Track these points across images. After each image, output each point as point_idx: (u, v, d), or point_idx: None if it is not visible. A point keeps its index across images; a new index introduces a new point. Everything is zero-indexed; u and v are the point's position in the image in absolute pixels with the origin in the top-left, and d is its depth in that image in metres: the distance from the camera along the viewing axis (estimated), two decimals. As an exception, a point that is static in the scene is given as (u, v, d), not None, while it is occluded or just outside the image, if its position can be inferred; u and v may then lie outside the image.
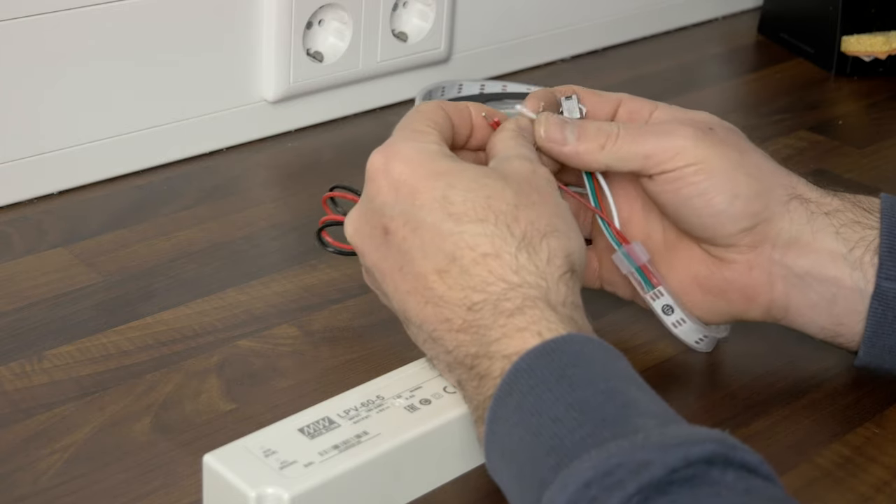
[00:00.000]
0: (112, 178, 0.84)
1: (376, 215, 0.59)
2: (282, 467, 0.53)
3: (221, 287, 0.73)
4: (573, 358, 0.52)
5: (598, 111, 0.67)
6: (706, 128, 0.64)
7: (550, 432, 0.50)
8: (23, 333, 0.68)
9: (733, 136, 0.65)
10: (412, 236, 0.57)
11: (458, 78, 0.99)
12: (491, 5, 1.01)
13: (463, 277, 0.56)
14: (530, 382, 0.52)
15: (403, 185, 0.58)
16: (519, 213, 0.57)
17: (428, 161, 0.59)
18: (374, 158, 0.60)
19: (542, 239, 0.56)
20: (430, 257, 0.56)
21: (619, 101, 0.67)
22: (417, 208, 0.57)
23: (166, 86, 0.84)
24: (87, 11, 0.79)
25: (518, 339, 0.53)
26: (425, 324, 0.57)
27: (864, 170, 0.92)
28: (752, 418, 0.64)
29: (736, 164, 0.63)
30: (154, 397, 0.63)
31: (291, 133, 0.93)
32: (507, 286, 0.55)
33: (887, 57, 1.08)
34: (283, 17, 0.87)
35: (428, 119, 0.62)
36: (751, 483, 0.46)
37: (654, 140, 0.63)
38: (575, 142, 0.64)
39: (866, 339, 0.64)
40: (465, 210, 0.56)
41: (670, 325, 0.66)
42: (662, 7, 1.15)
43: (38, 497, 0.57)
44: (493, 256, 0.55)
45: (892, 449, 0.63)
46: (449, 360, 0.57)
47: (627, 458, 0.46)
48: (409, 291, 0.57)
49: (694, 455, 0.46)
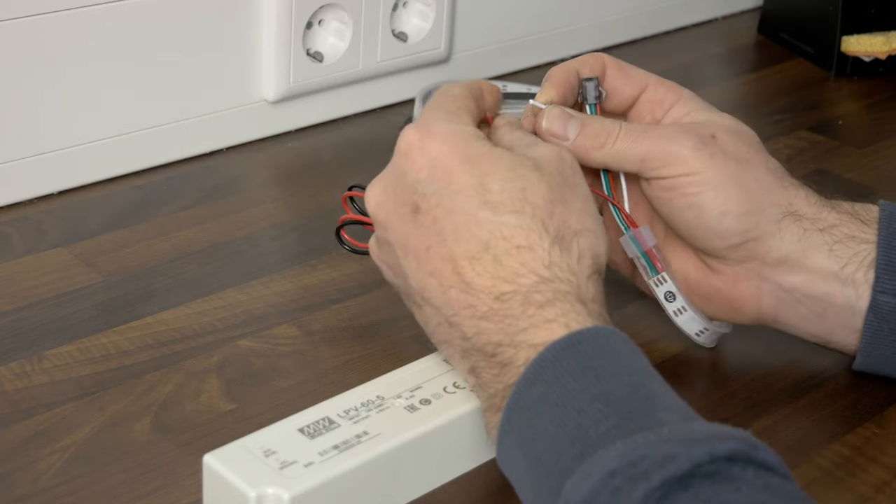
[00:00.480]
0: (112, 178, 0.84)
1: (407, 192, 0.58)
2: (282, 467, 0.53)
3: (221, 287, 0.73)
4: (599, 350, 0.52)
5: (621, 93, 0.67)
6: (708, 135, 0.64)
7: (575, 423, 0.50)
8: (23, 333, 0.68)
9: (738, 145, 0.65)
10: (445, 218, 0.57)
11: (458, 78, 0.99)
12: (491, 5, 1.01)
13: (494, 266, 0.55)
14: (556, 373, 0.52)
15: (440, 165, 0.57)
16: (554, 209, 0.57)
17: (465, 144, 0.58)
18: (409, 134, 0.59)
19: (573, 238, 0.56)
20: (463, 242, 0.56)
21: (644, 86, 0.67)
22: (454, 192, 0.57)
23: (166, 86, 0.84)
24: (86, 11, 0.79)
25: (546, 330, 0.54)
26: (445, 307, 0.57)
27: (864, 170, 0.92)
28: (752, 418, 0.64)
29: (732, 178, 0.63)
30: (154, 397, 0.63)
31: (291, 133, 0.93)
32: (538, 279, 0.55)
33: (887, 57, 1.08)
34: (283, 17, 0.87)
35: (460, 101, 0.62)
36: (770, 481, 0.46)
37: (651, 144, 0.63)
38: (575, 138, 0.64)
39: (862, 349, 0.64)
40: (503, 199, 0.56)
41: (672, 312, 0.66)
42: (662, 7, 1.15)
43: (38, 497, 0.57)
44: (527, 249, 0.55)
45: (892, 449, 0.63)
46: (466, 347, 0.56)
47: (653, 450, 0.46)
48: (432, 273, 0.57)
49: (718, 451, 0.46)
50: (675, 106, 0.66)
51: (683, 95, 0.67)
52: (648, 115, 0.67)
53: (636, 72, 0.67)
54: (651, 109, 0.67)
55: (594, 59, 0.67)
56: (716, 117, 0.66)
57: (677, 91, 0.67)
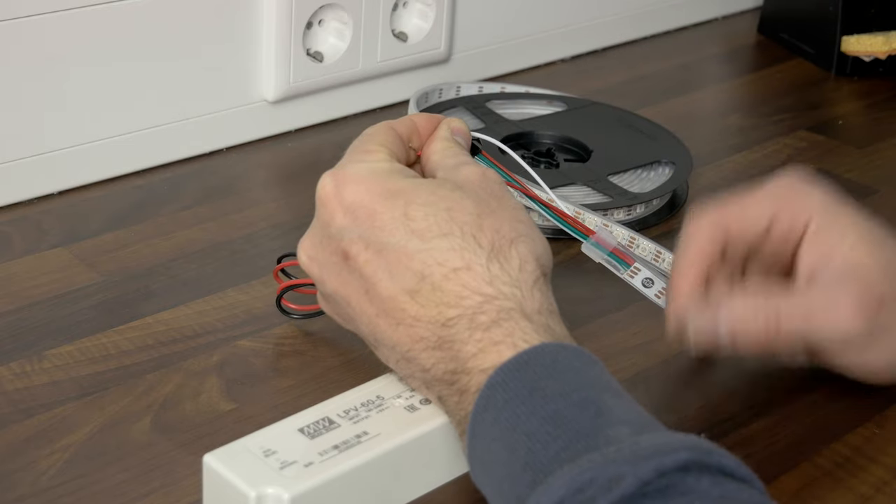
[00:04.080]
0: (112, 178, 0.84)
1: (333, 241, 0.58)
2: (282, 467, 0.53)
3: (221, 287, 0.73)
4: (546, 369, 0.52)
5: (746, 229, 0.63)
6: (876, 300, 0.60)
7: (525, 448, 0.49)
8: (23, 333, 0.68)
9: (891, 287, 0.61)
10: (376, 259, 0.56)
11: (457, 78, 0.99)
12: (491, 5, 1.01)
13: (435, 294, 0.55)
14: (505, 397, 0.51)
15: (360, 207, 0.57)
16: (483, 222, 0.56)
17: (381, 180, 0.57)
18: (324, 183, 0.59)
19: (510, 246, 0.56)
20: (398, 278, 0.55)
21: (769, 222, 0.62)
22: (378, 230, 0.56)
23: (166, 86, 0.84)
24: (87, 11, 0.79)
25: (494, 353, 0.53)
26: (399, 345, 0.56)
27: (864, 170, 0.92)
28: (752, 418, 0.64)
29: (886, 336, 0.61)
30: (154, 397, 0.63)
31: (291, 133, 0.93)
32: (482, 299, 0.54)
33: (887, 57, 1.08)
34: (283, 17, 0.87)
35: (375, 140, 0.61)
36: (726, 487, 0.45)
37: (818, 322, 0.60)
38: (731, 345, 0.61)
39: None
40: (429, 225, 0.56)
41: (653, 296, 0.66)
42: (662, 7, 1.15)
43: (38, 497, 0.57)
44: (465, 269, 0.55)
45: (892, 449, 0.63)
46: (427, 378, 0.56)
47: (599, 472, 0.46)
48: (377, 314, 0.56)
49: (666, 465, 0.45)
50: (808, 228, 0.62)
51: (814, 214, 0.62)
52: (782, 249, 0.63)
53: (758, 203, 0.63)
54: (783, 241, 0.63)
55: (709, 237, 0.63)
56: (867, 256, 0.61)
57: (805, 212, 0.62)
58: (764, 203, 0.63)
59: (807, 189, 0.63)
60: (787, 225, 0.63)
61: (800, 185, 0.63)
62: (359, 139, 0.62)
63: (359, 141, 0.61)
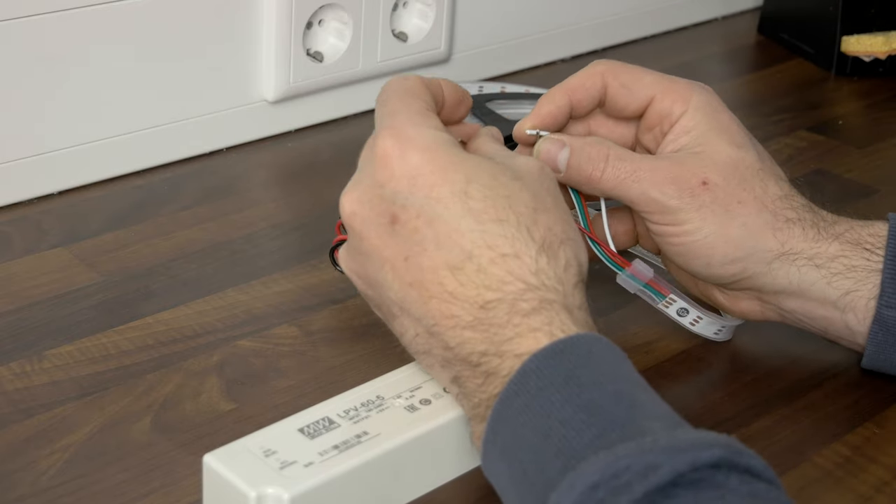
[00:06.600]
0: (112, 178, 0.84)
1: (385, 202, 0.57)
2: (282, 467, 0.53)
3: (221, 287, 0.73)
4: (582, 359, 0.52)
5: (624, 110, 0.67)
6: (698, 183, 0.63)
7: (559, 434, 0.50)
8: (23, 333, 0.68)
9: (731, 187, 0.63)
10: (426, 228, 0.56)
11: (457, 78, 0.99)
12: (491, 5, 1.01)
13: (478, 276, 0.55)
14: (539, 384, 0.51)
15: (421, 175, 0.56)
16: (538, 217, 0.56)
17: (445, 152, 0.57)
18: (386, 144, 0.57)
19: (560, 245, 0.56)
20: (444, 252, 0.55)
21: (649, 99, 0.66)
22: (434, 201, 0.56)
23: (166, 86, 0.84)
24: (87, 11, 0.79)
25: (531, 339, 0.53)
26: (425, 318, 0.56)
27: (864, 170, 0.92)
28: (752, 418, 0.64)
29: (718, 229, 0.63)
30: (154, 397, 0.63)
31: (291, 133, 0.93)
32: (525, 287, 0.54)
33: (887, 57, 1.08)
34: (283, 17, 0.87)
35: (424, 101, 0.60)
36: (754, 487, 0.46)
37: (637, 192, 0.63)
38: (564, 172, 0.64)
39: (867, 356, 0.65)
40: (485, 207, 0.56)
41: (687, 324, 0.67)
42: (662, 7, 1.15)
43: (38, 497, 0.57)
44: (513, 257, 0.55)
45: (892, 449, 0.63)
46: (448, 357, 0.56)
47: (635, 460, 0.46)
48: (412, 283, 0.56)
49: (701, 459, 0.46)
50: (681, 119, 0.65)
51: (691, 105, 0.65)
52: (657, 127, 0.66)
53: (639, 84, 0.66)
54: (659, 122, 0.66)
55: (592, 79, 0.67)
56: (716, 142, 0.64)
57: (684, 99, 0.65)
58: (658, 79, 0.66)
59: (699, 89, 0.66)
60: (667, 105, 0.65)
61: (697, 86, 0.66)
62: (404, 96, 0.60)
63: (405, 99, 0.60)
